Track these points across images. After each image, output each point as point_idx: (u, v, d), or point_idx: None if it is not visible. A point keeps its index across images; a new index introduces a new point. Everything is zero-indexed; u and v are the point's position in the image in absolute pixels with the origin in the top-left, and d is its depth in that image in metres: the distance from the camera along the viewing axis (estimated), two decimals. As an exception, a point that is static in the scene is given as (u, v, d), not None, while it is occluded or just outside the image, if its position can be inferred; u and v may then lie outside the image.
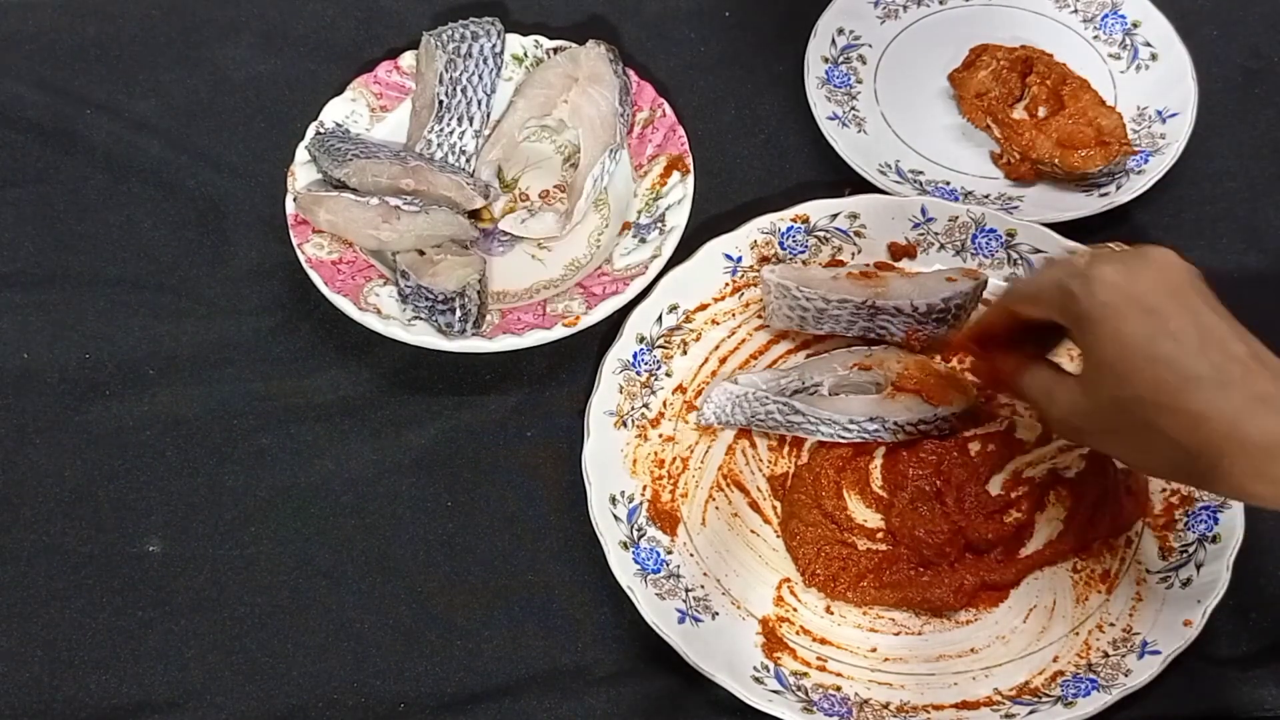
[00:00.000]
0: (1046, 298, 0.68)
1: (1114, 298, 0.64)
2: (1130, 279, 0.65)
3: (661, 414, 0.83)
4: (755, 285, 0.87)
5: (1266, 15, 1.02)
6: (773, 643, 0.76)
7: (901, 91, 0.97)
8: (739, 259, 0.87)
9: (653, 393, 0.83)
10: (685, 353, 0.85)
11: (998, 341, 0.75)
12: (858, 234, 0.88)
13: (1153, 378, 0.63)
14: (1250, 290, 0.89)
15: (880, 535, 0.79)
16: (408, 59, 0.95)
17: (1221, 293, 0.88)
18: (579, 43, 0.93)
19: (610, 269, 0.86)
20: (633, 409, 0.82)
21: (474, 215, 0.90)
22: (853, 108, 0.96)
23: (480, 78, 0.92)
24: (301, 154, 0.90)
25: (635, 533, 0.78)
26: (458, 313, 0.82)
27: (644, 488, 0.80)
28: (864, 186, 0.91)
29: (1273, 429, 0.60)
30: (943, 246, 0.87)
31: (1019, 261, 0.86)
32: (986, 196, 0.91)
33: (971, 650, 0.76)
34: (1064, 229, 0.86)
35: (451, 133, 0.91)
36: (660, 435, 0.82)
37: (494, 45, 0.93)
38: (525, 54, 0.95)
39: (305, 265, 0.85)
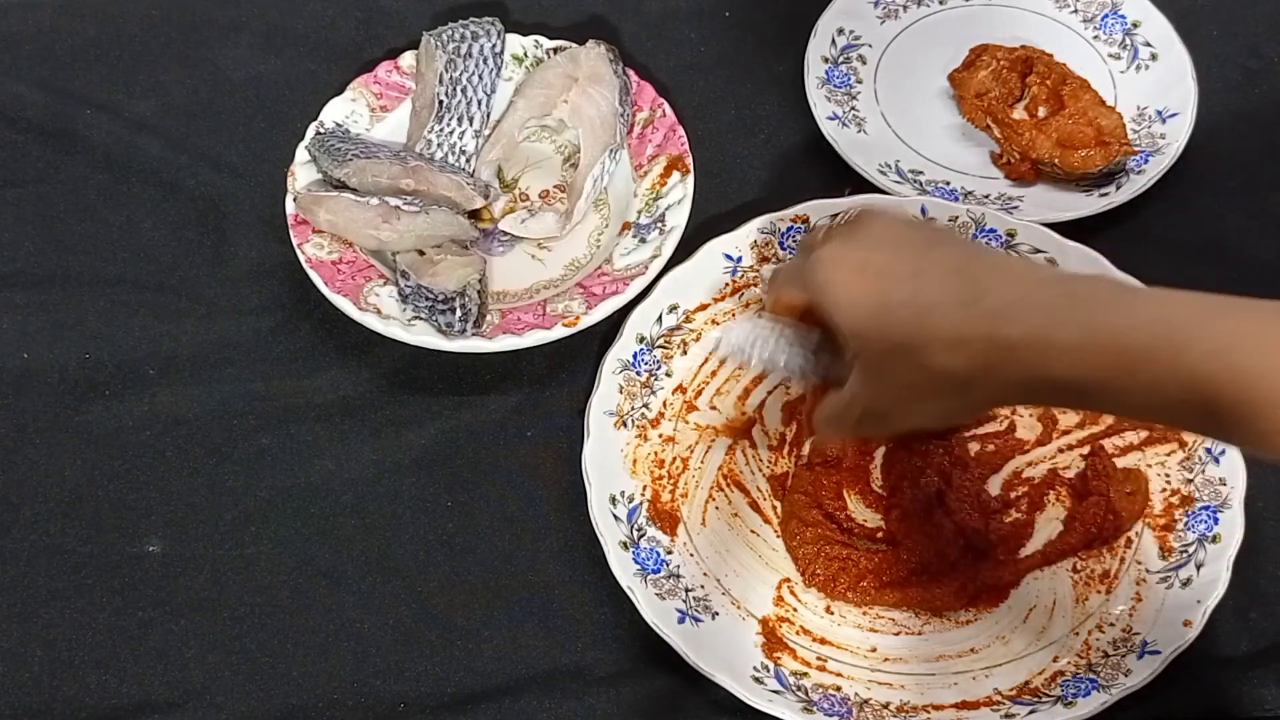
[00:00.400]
0: (792, 284, 0.72)
1: (840, 271, 0.67)
2: (848, 247, 0.68)
3: (661, 414, 0.83)
4: (755, 285, 0.87)
5: (1266, 15, 1.02)
6: (773, 643, 0.76)
7: (901, 91, 0.97)
8: (739, 259, 0.87)
9: (653, 393, 0.83)
10: (685, 353, 0.85)
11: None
12: (858, 234, 0.88)
13: (901, 323, 0.64)
14: (1250, 290, 0.89)
15: (880, 535, 0.79)
16: (408, 59, 0.95)
17: (1222, 291, 0.88)
18: (579, 43, 0.93)
19: (610, 269, 0.86)
20: (633, 409, 0.82)
21: (474, 215, 0.90)
22: (853, 108, 0.96)
23: (480, 78, 0.92)
24: (301, 154, 0.90)
25: (635, 533, 0.78)
26: (458, 312, 0.82)
27: (644, 488, 0.80)
28: (864, 186, 0.91)
29: (1034, 324, 0.60)
30: (943, 246, 0.87)
31: (1019, 261, 0.86)
32: (986, 196, 0.91)
33: (971, 650, 0.76)
34: (1064, 229, 0.86)
35: (451, 133, 0.91)
36: (660, 435, 0.82)
37: (494, 45, 0.93)
38: (525, 54, 0.95)
39: (305, 265, 0.85)
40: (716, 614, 0.76)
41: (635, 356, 0.84)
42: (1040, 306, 0.61)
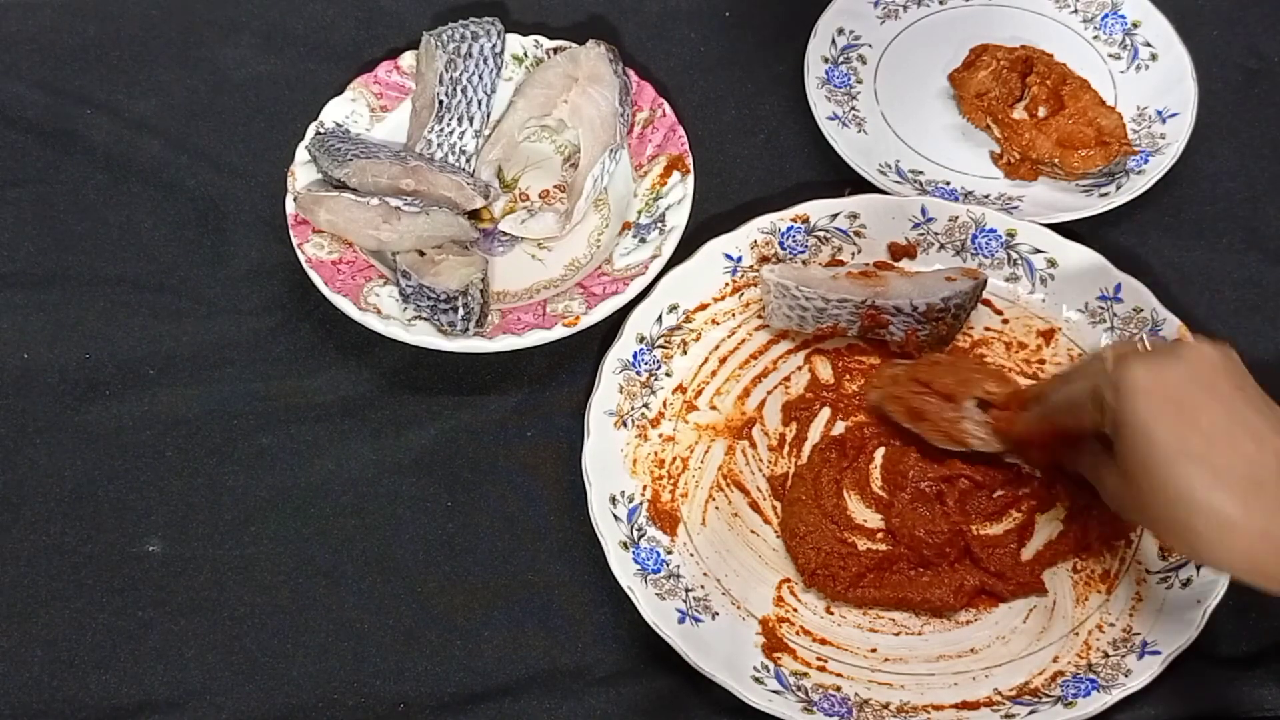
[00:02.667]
0: (1082, 408, 0.68)
1: (1143, 401, 0.63)
2: (1158, 379, 0.64)
3: (661, 414, 0.83)
4: (755, 285, 0.87)
5: (1266, 15, 1.02)
6: (773, 643, 0.76)
7: (901, 91, 0.97)
8: (739, 259, 0.87)
9: (653, 393, 0.83)
10: (685, 352, 0.85)
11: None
12: (858, 234, 0.88)
13: (1187, 476, 0.62)
14: (1250, 290, 0.89)
15: (880, 535, 0.79)
16: (408, 59, 0.95)
17: (1221, 293, 0.89)
18: (579, 43, 0.93)
19: (610, 269, 0.86)
20: (633, 409, 0.82)
21: (474, 215, 0.90)
22: (853, 108, 0.96)
23: (480, 78, 0.92)
24: (301, 154, 0.90)
25: (635, 533, 0.78)
26: (460, 311, 0.82)
27: (644, 488, 0.80)
28: (864, 186, 0.91)
29: None
30: (943, 246, 0.87)
31: (1019, 261, 0.86)
32: (986, 196, 0.91)
33: (971, 650, 0.76)
34: (1064, 229, 0.86)
35: (451, 133, 0.91)
36: (660, 435, 0.82)
37: (494, 45, 0.93)
38: (525, 54, 0.95)
39: (305, 265, 0.85)
40: (716, 614, 0.76)
41: (635, 356, 0.84)
42: None
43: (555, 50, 0.95)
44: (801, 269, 0.85)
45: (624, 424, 0.82)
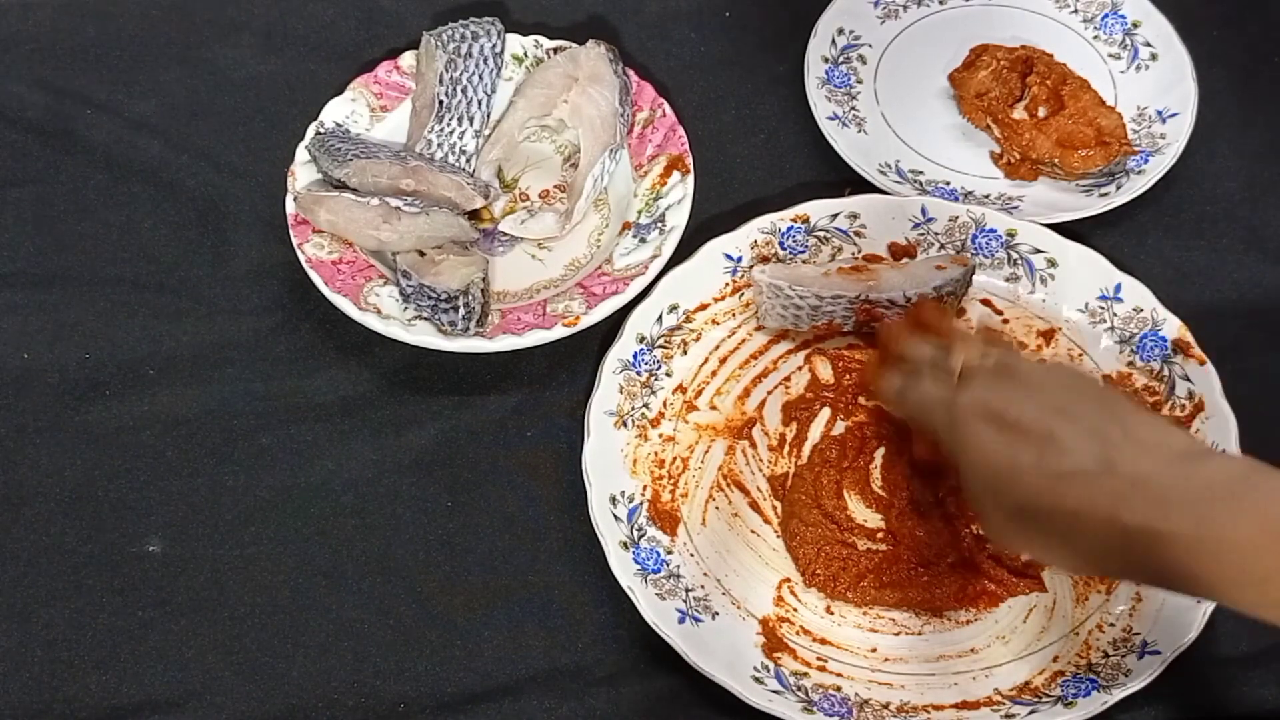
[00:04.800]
0: (926, 423, 0.71)
1: (971, 424, 0.65)
2: (984, 399, 0.66)
3: (661, 414, 0.83)
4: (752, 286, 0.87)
5: (1266, 15, 1.02)
6: (773, 643, 0.76)
7: (901, 91, 0.97)
8: (739, 259, 0.87)
9: (653, 393, 0.83)
10: (685, 353, 0.85)
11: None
12: (858, 234, 0.88)
13: (1025, 486, 0.63)
14: (1250, 290, 0.89)
15: (880, 535, 0.79)
16: (408, 59, 0.95)
17: (1221, 293, 0.89)
18: (579, 43, 0.93)
19: (610, 269, 0.86)
20: (633, 409, 0.82)
21: (474, 215, 0.90)
22: (853, 108, 0.96)
23: (480, 78, 0.92)
24: (301, 154, 0.90)
25: (635, 533, 0.78)
26: (461, 310, 0.82)
27: (644, 488, 0.80)
28: (864, 186, 0.91)
29: (1146, 517, 0.59)
30: (943, 246, 0.87)
31: (1019, 261, 0.86)
32: (986, 196, 0.91)
33: (971, 650, 0.76)
34: (1064, 229, 0.86)
35: (451, 133, 0.91)
36: (660, 435, 0.82)
37: (494, 45, 0.93)
38: (525, 54, 0.95)
39: (305, 265, 0.85)
40: (716, 614, 0.76)
41: (635, 356, 0.84)
42: (1159, 492, 0.59)
43: (555, 50, 0.95)
44: (792, 268, 0.85)
45: (624, 424, 0.82)
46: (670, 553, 0.78)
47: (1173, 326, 0.83)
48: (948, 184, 0.92)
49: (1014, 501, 0.63)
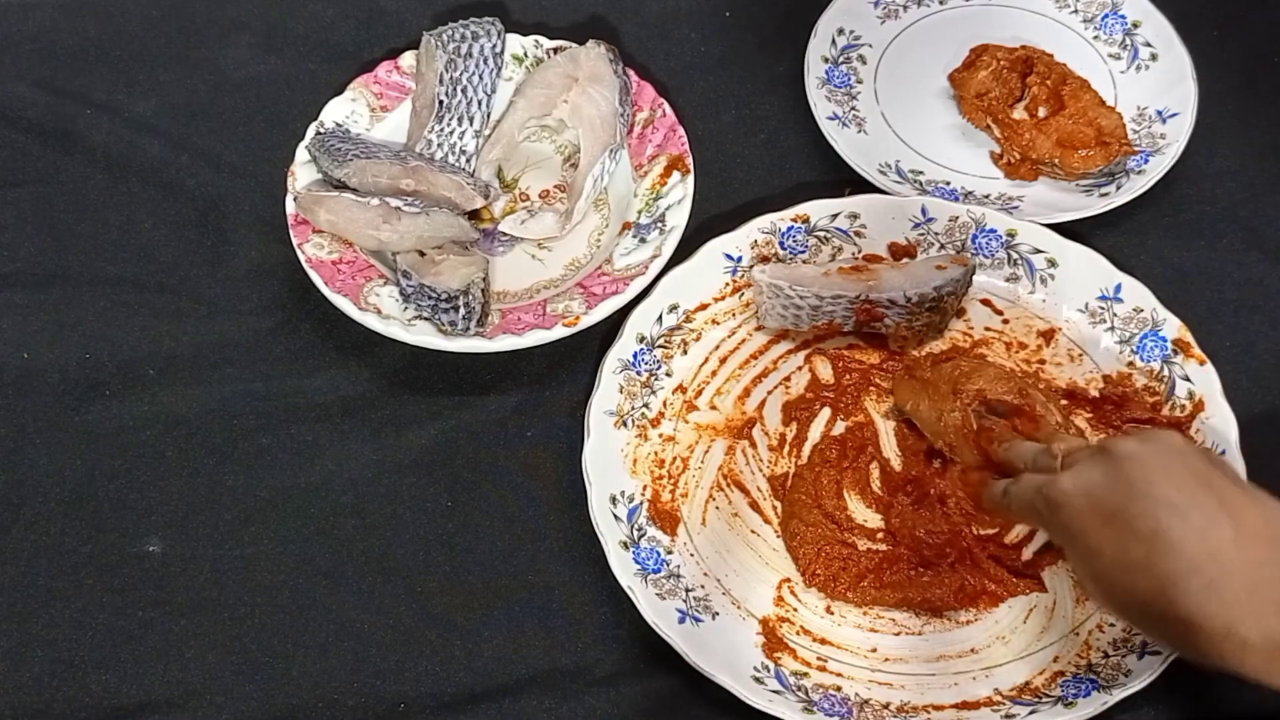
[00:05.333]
0: (1029, 519, 0.70)
1: (1075, 515, 0.63)
2: (1088, 489, 0.63)
3: (661, 414, 0.83)
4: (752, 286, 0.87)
5: (1266, 15, 1.02)
6: (773, 643, 0.76)
7: (901, 91, 0.97)
8: (739, 259, 0.87)
9: (653, 393, 0.83)
10: (685, 352, 0.85)
11: None
12: (858, 234, 0.88)
13: (1133, 586, 0.61)
14: (1250, 290, 0.89)
15: (880, 535, 0.79)
16: (408, 59, 0.95)
17: (1221, 293, 0.89)
18: (579, 43, 0.93)
19: (610, 269, 0.86)
20: (633, 409, 0.82)
21: (474, 215, 0.90)
22: (853, 108, 0.96)
23: (480, 78, 0.92)
24: (301, 154, 0.90)
25: (635, 533, 0.78)
26: (461, 310, 0.82)
27: (644, 488, 0.80)
28: (864, 186, 0.91)
29: (1269, 629, 0.58)
30: (943, 246, 0.87)
31: (1019, 261, 0.86)
32: (986, 196, 0.91)
33: (971, 650, 0.76)
34: (1064, 229, 0.86)
35: (451, 133, 0.91)
36: (660, 435, 0.82)
37: (494, 45, 0.93)
38: (525, 54, 0.95)
39: (305, 265, 0.85)
40: (716, 614, 0.76)
41: (635, 356, 0.84)
42: (1276, 600, 0.58)
43: (555, 50, 0.95)
44: (792, 268, 0.85)
45: (624, 424, 0.82)
46: (670, 553, 0.78)
47: (1173, 326, 0.83)
48: (948, 184, 0.92)
49: (1125, 596, 0.62)
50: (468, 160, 0.92)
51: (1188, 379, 0.81)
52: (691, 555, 0.79)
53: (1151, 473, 0.62)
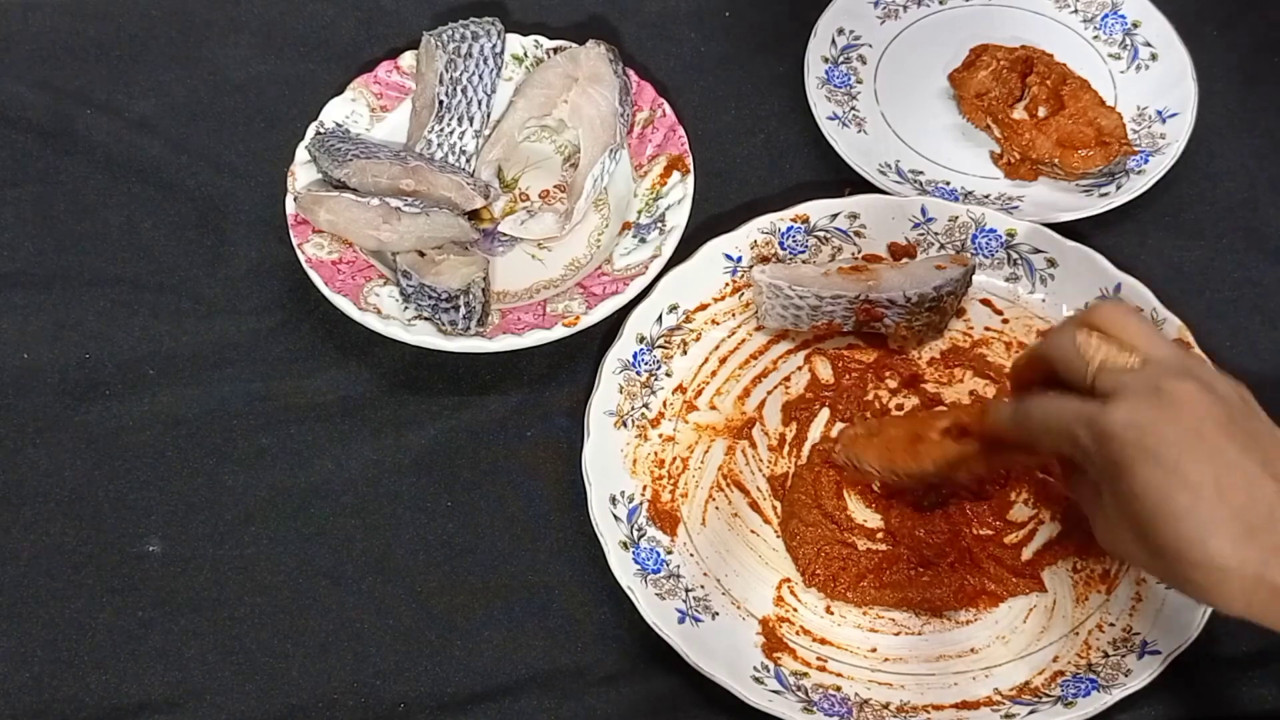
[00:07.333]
0: (1059, 442, 0.65)
1: (1127, 452, 0.61)
2: (1142, 428, 0.61)
3: (661, 414, 0.83)
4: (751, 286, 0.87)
5: (1266, 15, 1.02)
6: (773, 643, 0.76)
7: (901, 91, 0.97)
8: (739, 259, 0.87)
9: (653, 393, 0.83)
10: (685, 353, 0.85)
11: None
12: (858, 234, 0.88)
13: (1174, 533, 0.60)
14: (1250, 290, 0.89)
15: (880, 535, 0.79)
16: (408, 59, 0.95)
17: (1221, 293, 0.89)
18: (579, 43, 0.93)
19: (610, 269, 0.86)
20: (633, 409, 0.82)
21: (474, 215, 0.90)
22: (853, 108, 0.96)
23: (480, 78, 0.92)
24: (301, 154, 0.90)
25: (635, 533, 0.78)
26: (462, 310, 0.82)
27: (644, 488, 0.80)
28: (864, 186, 0.91)
29: None
30: (943, 246, 0.87)
31: (1019, 261, 0.86)
32: (986, 196, 0.91)
33: (971, 650, 0.76)
34: (1064, 229, 0.86)
35: (451, 133, 0.91)
36: (660, 435, 0.82)
37: (494, 45, 0.93)
38: (525, 54, 0.95)
39: (305, 265, 0.85)
40: (716, 614, 0.76)
41: (635, 356, 0.84)
42: None
43: (555, 50, 0.95)
44: (791, 268, 0.85)
45: (624, 424, 0.82)
46: (670, 553, 0.78)
47: (1173, 326, 0.83)
48: (948, 184, 0.92)
49: (1159, 542, 0.61)
50: (468, 160, 0.92)
51: (1188, 379, 0.81)
52: (691, 555, 0.79)
53: (1208, 424, 0.61)
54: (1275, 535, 0.59)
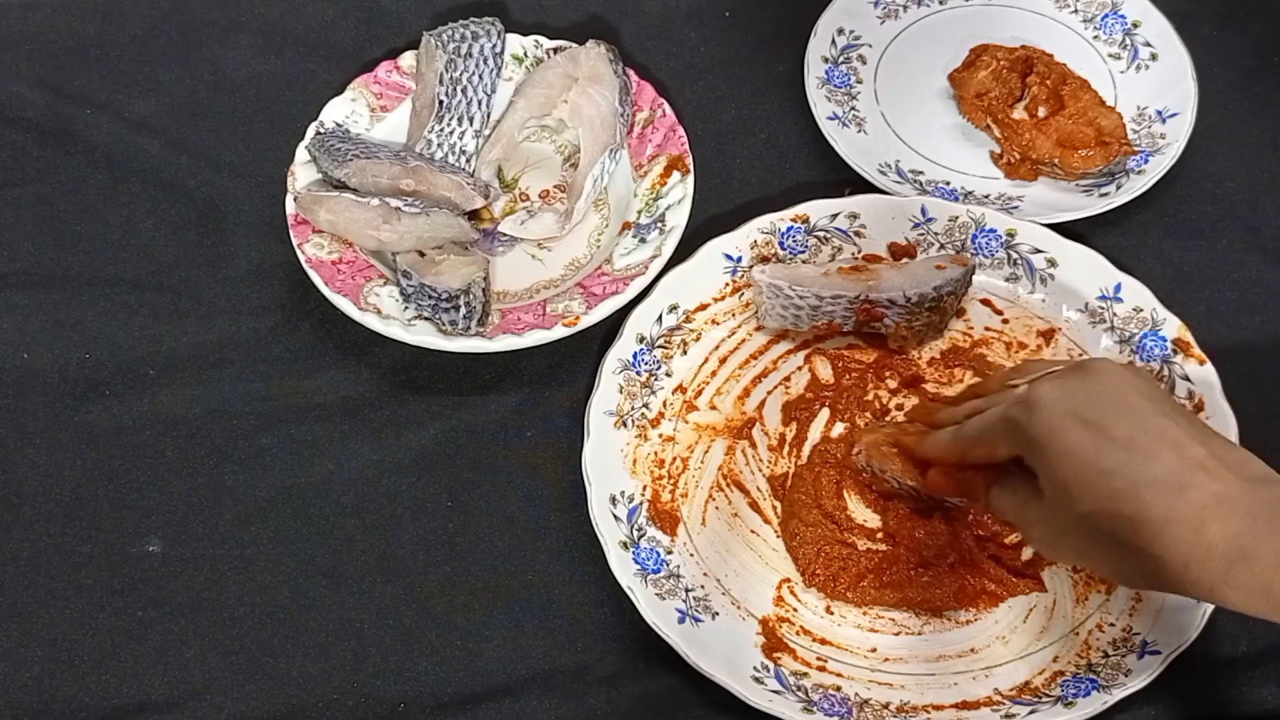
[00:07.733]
0: (995, 434, 0.68)
1: (1055, 416, 0.63)
2: (1068, 394, 0.64)
3: (661, 414, 0.83)
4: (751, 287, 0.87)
5: (1266, 15, 1.02)
6: (773, 643, 0.76)
7: (901, 91, 0.97)
8: (739, 259, 0.87)
9: (653, 393, 0.83)
10: (685, 353, 0.85)
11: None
12: (858, 234, 0.88)
13: (1108, 489, 0.61)
14: (1250, 290, 0.89)
15: (880, 535, 0.79)
16: (408, 59, 0.95)
17: (1221, 293, 0.89)
18: (579, 43, 0.93)
19: (610, 269, 0.86)
20: (633, 409, 0.82)
21: (474, 215, 0.90)
22: (853, 108, 0.96)
23: (480, 78, 0.92)
24: (301, 154, 0.90)
25: (635, 533, 0.78)
26: (462, 310, 0.82)
27: (644, 488, 0.80)
28: (864, 186, 0.91)
29: (1235, 532, 0.59)
30: (943, 246, 0.87)
31: (1019, 261, 0.86)
32: (986, 196, 0.91)
33: (971, 650, 0.76)
34: (1064, 229, 0.86)
35: (451, 133, 0.91)
36: (660, 435, 0.82)
37: (494, 45, 0.93)
38: (525, 54, 0.96)
39: (305, 265, 0.85)
40: (716, 614, 0.76)
41: (635, 356, 0.84)
42: (1245, 511, 0.59)
43: (555, 50, 0.95)
44: (792, 268, 0.85)
45: (624, 424, 0.82)
46: (670, 553, 0.78)
47: (1173, 326, 0.83)
48: (948, 184, 0.92)
49: (1093, 504, 0.62)
50: (468, 160, 0.92)
51: (1187, 379, 0.81)
52: (691, 555, 0.79)
53: (1129, 390, 0.64)
54: (1207, 489, 0.60)
